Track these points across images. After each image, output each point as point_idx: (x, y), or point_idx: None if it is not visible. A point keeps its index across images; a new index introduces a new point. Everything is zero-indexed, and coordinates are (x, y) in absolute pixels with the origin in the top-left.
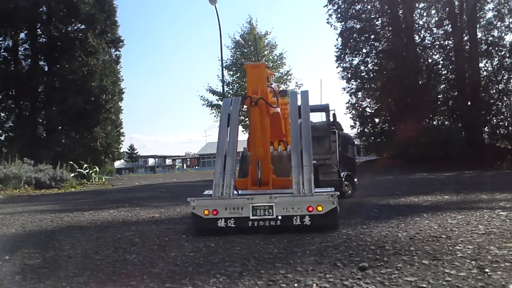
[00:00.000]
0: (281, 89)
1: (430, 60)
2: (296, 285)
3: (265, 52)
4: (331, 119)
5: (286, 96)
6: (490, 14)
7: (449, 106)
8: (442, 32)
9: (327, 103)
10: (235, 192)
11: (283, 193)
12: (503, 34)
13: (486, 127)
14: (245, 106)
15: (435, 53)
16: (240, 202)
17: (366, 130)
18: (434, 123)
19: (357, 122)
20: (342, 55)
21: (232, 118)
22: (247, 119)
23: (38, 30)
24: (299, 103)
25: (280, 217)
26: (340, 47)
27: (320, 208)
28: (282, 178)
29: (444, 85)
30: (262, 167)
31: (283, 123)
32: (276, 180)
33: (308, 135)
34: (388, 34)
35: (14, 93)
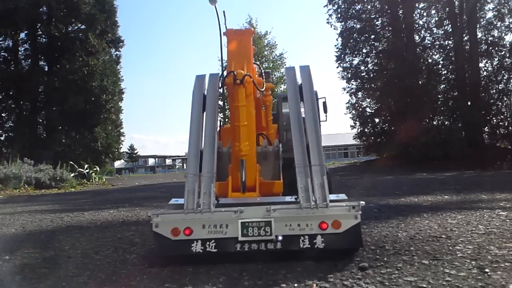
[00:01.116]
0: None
1: (430, 60)
2: (296, 285)
3: (265, 52)
4: (322, 109)
5: (269, 79)
6: (490, 14)
7: (449, 106)
8: (442, 32)
9: (315, 89)
10: (215, 201)
11: (285, 203)
12: (503, 34)
13: (486, 127)
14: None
15: (435, 53)
16: (224, 217)
17: (366, 130)
18: (434, 123)
19: (357, 122)
20: (342, 55)
21: (210, 101)
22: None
23: (39, 30)
24: (299, 81)
25: (280, 238)
26: (340, 47)
27: (337, 225)
28: (270, 181)
29: (444, 85)
30: (247, 167)
31: (264, 114)
32: (264, 185)
33: (315, 124)
34: (388, 34)
35: (14, 93)
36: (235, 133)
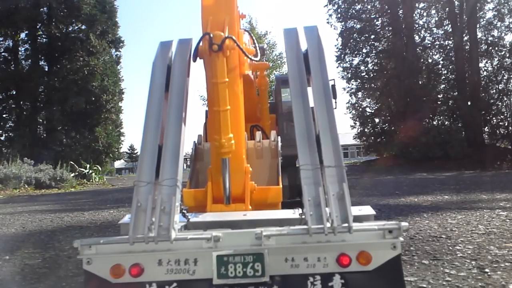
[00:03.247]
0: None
1: (430, 60)
2: None
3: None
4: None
5: (263, 56)
6: (490, 14)
7: (449, 106)
8: (442, 32)
9: None
10: (183, 219)
11: (284, 222)
12: (503, 34)
13: (486, 127)
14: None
15: (435, 53)
16: (191, 246)
17: (366, 130)
18: (434, 123)
19: (357, 122)
20: (342, 55)
21: (176, 76)
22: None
23: (39, 30)
24: (303, 47)
25: (278, 279)
26: (340, 47)
27: (366, 259)
28: (265, 187)
29: (444, 85)
30: (232, 169)
31: (258, 100)
32: (257, 192)
33: (329, 109)
34: (388, 34)
35: (14, 93)
36: (214, 122)
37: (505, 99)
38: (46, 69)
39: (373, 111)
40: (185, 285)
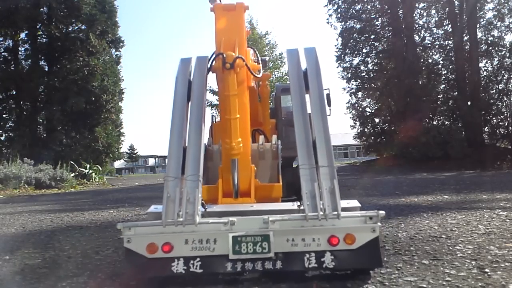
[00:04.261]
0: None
1: (430, 60)
2: (296, 285)
3: (265, 52)
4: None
5: (265, 68)
6: (490, 14)
7: (449, 106)
8: (442, 32)
9: None
10: (202, 210)
11: (286, 211)
12: (503, 34)
13: (486, 127)
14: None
15: (435, 53)
16: (212, 229)
17: (366, 130)
18: (434, 123)
19: (357, 122)
20: (342, 55)
21: (196, 89)
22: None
23: (39, 30)
24: (303, 66)
25: (281, 256)
26: (340, 47)
27: (351, 240)
28: (268, 184)
29: (444, 85)
30: (240, 168)
31: (260, 107)
32: (260, 188)
33: (323, 117)
34: (388, 34)
35: (14, 93)
36: (226, 128)
37: (505, 99)
38: (46, 69)
39: (373, 111)
40: (206, 260)
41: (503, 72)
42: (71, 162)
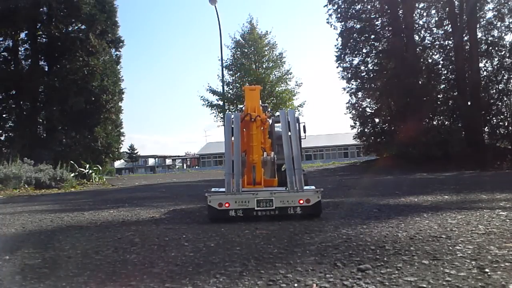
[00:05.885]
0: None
1: (430, 60)
2: (296, 285)
3: (265, 52)
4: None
5: (265, 111)
6: (490, 14)
7: (449, 106)
8: (442, 32)
9: (297, 116)
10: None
11: (280, 190)
12: (503, 34)
13: (486, 127)
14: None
15: (435, 53)
16: (247, 196)
17: (366, 130)
18: (434, 123)
19: (357, 122)
20: (342, 55)
21: (236, 131)
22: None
23: (39, 30)
24: (289, 119)
25: (278, 208)
26: (340, 47)
27: (308, 201)
28: (270, 179)
29: (444, 85)
30: (256, 170)
31: (263, 133)
32: (266, 181)
33: (296, 145)
34: (388, 34)
35: (14, 93)
36: (250, 149)
37: (505, 99)
38: (46, 69)
39: (373, 111)
40: (244, 211)
41: (503, 72)
42: (71, 162)
